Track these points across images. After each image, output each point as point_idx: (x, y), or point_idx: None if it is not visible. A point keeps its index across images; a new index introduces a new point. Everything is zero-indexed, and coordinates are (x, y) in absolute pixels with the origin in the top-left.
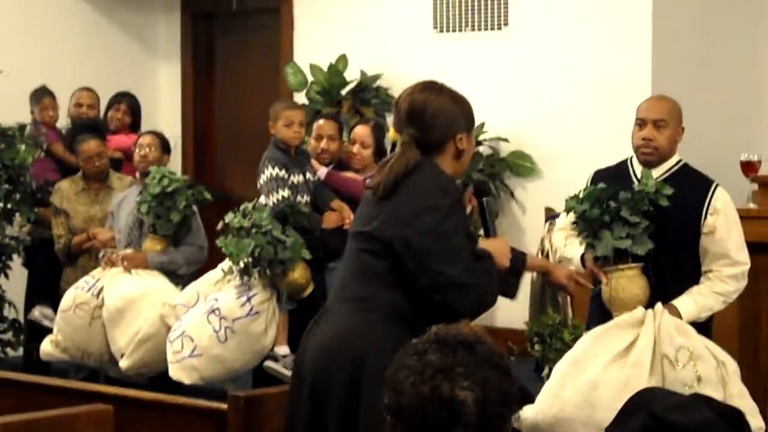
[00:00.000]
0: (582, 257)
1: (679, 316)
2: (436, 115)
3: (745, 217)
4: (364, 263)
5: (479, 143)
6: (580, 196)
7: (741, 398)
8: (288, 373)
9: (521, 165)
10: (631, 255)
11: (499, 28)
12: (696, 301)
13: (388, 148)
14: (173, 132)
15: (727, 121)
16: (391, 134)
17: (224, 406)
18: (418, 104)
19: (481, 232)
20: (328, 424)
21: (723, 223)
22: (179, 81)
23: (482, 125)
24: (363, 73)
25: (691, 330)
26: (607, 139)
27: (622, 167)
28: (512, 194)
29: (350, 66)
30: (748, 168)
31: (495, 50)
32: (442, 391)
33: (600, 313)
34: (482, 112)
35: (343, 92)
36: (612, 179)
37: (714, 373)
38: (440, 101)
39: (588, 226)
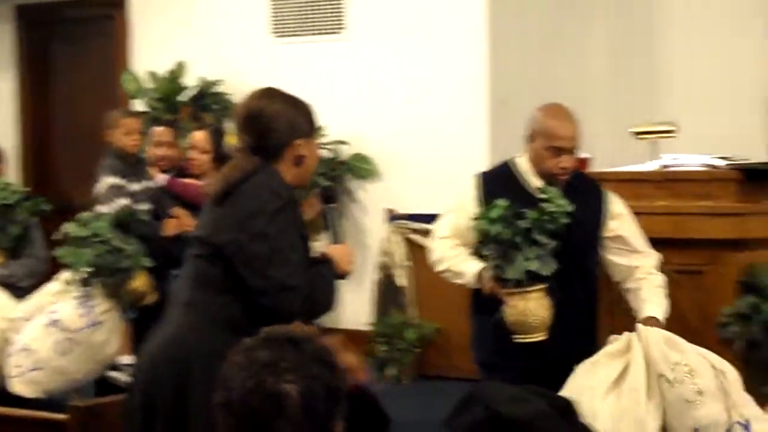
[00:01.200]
0: (478, 274)
1: (661, 326)
2: (273, 121)
3: None
4: (198, 268)
5: (321, 147)
6: (491, 215)
7: (746, 407)
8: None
9: (361, 167)
10: (535, 276)
11: (337, 33)
12: (658, 304)
13: (228, 153)
14: (6, 143)
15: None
16: (230, 138)
17: (64, 417)
18: (255, 111)
19: (323, 238)
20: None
21: (627, 223)
22: (15, 90)
23: (323, 129)
24: (202, 80)
25: (682, 342)
26: (446, 140)
27: (511, 175)
28: (353, 196)
29: (189, 73)
30: (580, 164)
31: (333, 55)
32: (267, 385)
33: (498, 336)
34: (322, 116)
35: (182, 99)
36: (504, 189)
37: (713, 384)
38: (277, 107)
39: (498, 247)
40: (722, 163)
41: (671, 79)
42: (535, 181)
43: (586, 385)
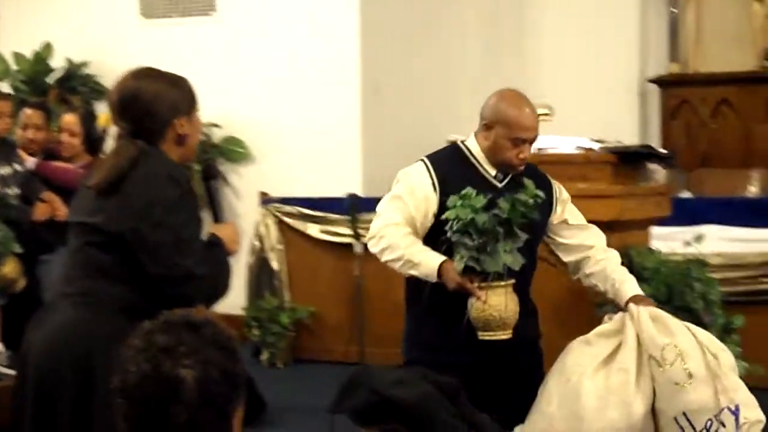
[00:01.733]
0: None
1: (652, 304)
2: (151, 102)
3: None
4: (91, 257)
5: None
6: (475, 203)
7: (736, 391)
8: (3, 369)
9: (234, 150)
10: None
11: (207, 14)
12: (632, 281)
13: (99, 135)
14: None
15: (434, 102)
16: (101, 120)
17: None
18: (131, 92)
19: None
20: (57, 424)
21: (570, 206)
22: None
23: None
24: (69, 62)
25: (674, 323)
26: (318, 124)
27: (464, 161)
28: (226, 180)
29: (56, 54)
30: None
31: (204, 36)
32: (163, 369)
33: (444, 331)
34: None
35: (50, 81)
36: (460, 175)
37: (704, 368)
38: (155, 87)
39: (478, 238)
40: (597, 146)
41: (542, 63)
42: (490, 170)
43: (575, 363)
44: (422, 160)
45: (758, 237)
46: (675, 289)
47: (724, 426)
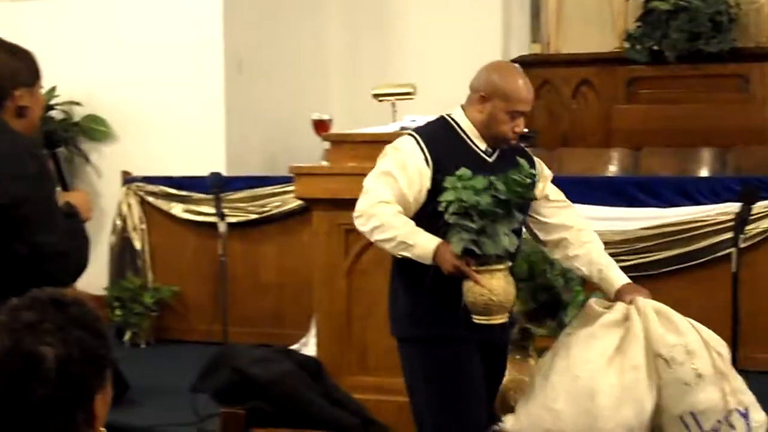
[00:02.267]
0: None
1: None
2: None
3: (319, 174)
4: None
5: (51, 108)
6: (476, 184)
7: (744, 393)
8: None
9: (95, 129)
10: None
11: None
12: (617, 267)
13: None
14: None
15: (299, 81)
16: None
17: None
18: None
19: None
20: None
21: (551, 184)
22: None
23: (53, 89)
24: None
25: (678, 318)
26: (181, 102)
27: (455, 135)
28: (87, 159)
29: None
30: (320, 126)
31: (65, 13)
32: (24, 345)
33: (441, 310)
34: (53, 76)
35: None
36: (451, 151)
37: (712, 367)
38: None
39: (479, 219)
40: None
41: (407, 42)
42: (481, 144)
43: (583, 359)
44: (410, 134)
45: (617, 215)
46: (536, 267)
47: (733, 428)
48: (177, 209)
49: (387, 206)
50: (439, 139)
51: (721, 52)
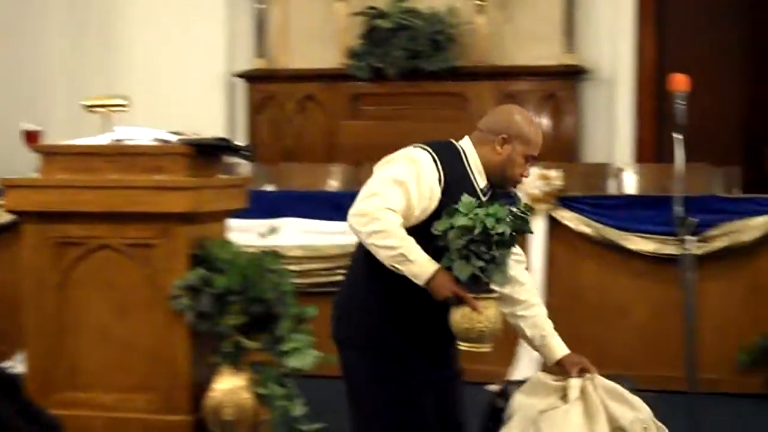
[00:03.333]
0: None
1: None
2: None
3: (29, 186)
4: None
5: None
6: (497, 213)
7: None
8: None
9: None
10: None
11: None
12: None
13: None
14: None
15: (26, 97)
16: None
17: None
18: None
19: None
20: None
21: None
22: None
23: None
24: None
25: (627, 393)
26: None
27: (462, 165)
28: None
29: None
30: (30, 137)
31: None
32: None
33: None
34: None
35: None
36: (459, 178)
37: None
38: None
39: (497, 249)
40: (174, 137)
41: (132, 55)
42: (481, 181)
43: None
44: (425, 149)
45: (337, 229)
46: (250, 280)
47: None
48: None
49: (394, 215)
50: (451, 163)
51: (440, 71)
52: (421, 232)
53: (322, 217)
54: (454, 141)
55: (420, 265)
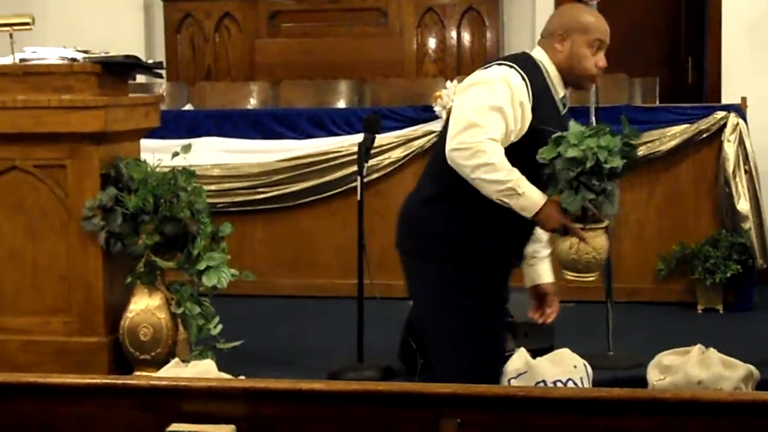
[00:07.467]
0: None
1: None
2: None
3: None
4: None
5: None
6: (608, 144)
7: None
8: None
9: None
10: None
11: None
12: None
13: None
14: None
15: None
16: None
17: None
18: None
19: None
20: None
21: None
22: None
23: None
24: None
25: None
26: None
27: (543, 78)
28: None
29: None
30: None
31: None
32: None
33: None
34: None
35: None
36: (544, 96)
37: None
38: None
39: (607, 180)
40: (81, 56)
41: None
42: (561, 91)
43: None
44: (513, 67)
45: (256, 148)
46: (162, 199)
47: None
48: None
49: (497, 146)
50: (536, 80)
51: None
52: (513, 154)
53: (240, 135)
54: (530, 52)
55: (528, 198)
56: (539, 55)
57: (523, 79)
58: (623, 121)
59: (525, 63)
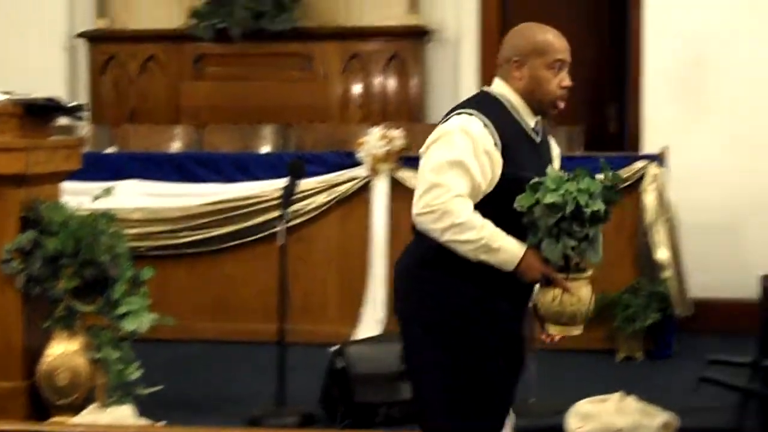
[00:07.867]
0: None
1: None
2: None
3: None
4: None
5: None
6: (589, 187)
7: None
8: None
9: None
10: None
11: None
12: None
13: None
14: None
15: None
16: None
17: None
18: None
19: None
20: None
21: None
22: None
23: None
24: None
25: None
26: None
27: (507, 113)
28: None
29: None
30: None
31: None
32: None
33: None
34: None
35: None
36: (510, 133)
37: None
38: None
39: (589, 226)
40: (2, 97)
41: None
42: (530, 121)
43: None
44: (470, 113)
45: (178, 192)
46: (83, 243)
47: None
48: None
49: (463, 202)
50: (499, 120)
51: (284, 31)
52: (489, 205)
53: (164, 179)
54: (487, 89)
55: (506, 251)
56: (499, 88)
57: (486, 125)
58: (602, 164)
59: (483, 104)
